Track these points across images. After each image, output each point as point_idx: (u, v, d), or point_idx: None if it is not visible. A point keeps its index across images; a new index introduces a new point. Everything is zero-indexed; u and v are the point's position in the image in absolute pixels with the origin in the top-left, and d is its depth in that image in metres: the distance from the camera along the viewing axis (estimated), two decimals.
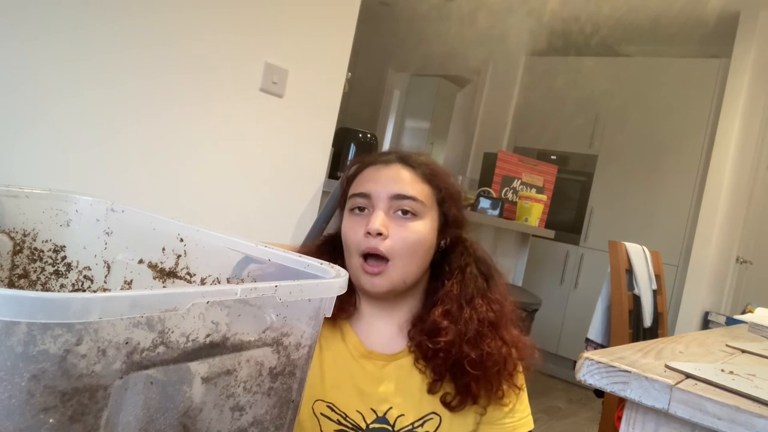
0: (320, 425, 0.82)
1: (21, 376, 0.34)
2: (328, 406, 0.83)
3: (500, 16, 4.07)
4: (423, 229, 0.84)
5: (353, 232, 0.84)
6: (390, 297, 0.87)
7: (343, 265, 0.89)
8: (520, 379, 0.87)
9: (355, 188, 0.87)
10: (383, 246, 0.82)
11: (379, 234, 0.82)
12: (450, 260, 0.90)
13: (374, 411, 0.83)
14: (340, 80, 2.03)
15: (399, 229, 0.83)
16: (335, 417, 0.83)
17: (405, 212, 0.84)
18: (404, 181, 0.85)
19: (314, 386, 0.84)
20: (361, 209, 0.85)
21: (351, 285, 0.89)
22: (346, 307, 0.88)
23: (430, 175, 0.88)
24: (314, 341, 0.54)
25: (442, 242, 0.89)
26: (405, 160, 0.88)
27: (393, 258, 0.82)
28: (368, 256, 0.83)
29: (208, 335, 0.43)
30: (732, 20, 3.52)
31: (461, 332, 0.82)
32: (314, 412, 0.83)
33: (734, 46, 3.50)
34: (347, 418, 0.82)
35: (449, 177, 0.91)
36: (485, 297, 0.87)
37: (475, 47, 4.35)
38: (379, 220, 0.82)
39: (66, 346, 0.35)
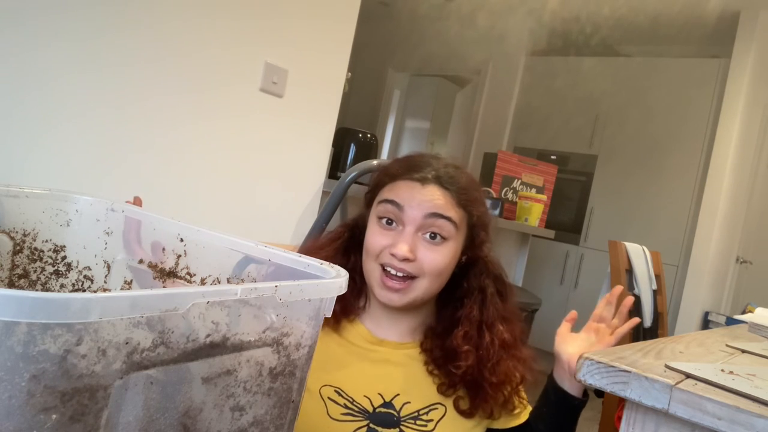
0: (327, 409, 0.83)
1: (21, 376, 0.34)
2: (335, 391, 0.84)
3: (500, 16, 4.07)
4: (450, 252, 0.84)
5: (377, 242, 0.84)
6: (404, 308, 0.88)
7: (358, 257, 0.90)
8: (523, 391, 0.90)
9: (387, 193, 0.85)
10: (410, 267, 0.82)
11: (405, 260, 0.81)
12: (469, 277, 0.90)
13: (381, 396, 0.84)
14: (340, 80, 2.03)
15: (427, 252, 0.82)
16: (342, 401, 0.83)
17: (434, 236, 0.82)
18: (439, 204, 0.83)
19: (322, 372, 0.84)
20: (390, 222, 0.84)
21: (359, 287, 0.90)
22: (352, 309, 0.89)
23: (466, 201, 0.86)
24: (314, 341, 0.54)
25: (463, 258, 0.89)
26: (442, 181, 0.85)
27: (420, 276, 0.82)
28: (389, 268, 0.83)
29: (208, 335, 0.43)
30: (732, 20, 3.52)
31: (482, 357, 0.83)
32: (321, 396, 0.84)
33: (734, 46, 3.50)
34: (354, 402, 0.83)
35: (483, 203, 0.90)
36: (503, 319, 0.88)
37: (475, 47, 4.34)
38: (407, 246, 0.81)
39: (66, 346, 0.35)
